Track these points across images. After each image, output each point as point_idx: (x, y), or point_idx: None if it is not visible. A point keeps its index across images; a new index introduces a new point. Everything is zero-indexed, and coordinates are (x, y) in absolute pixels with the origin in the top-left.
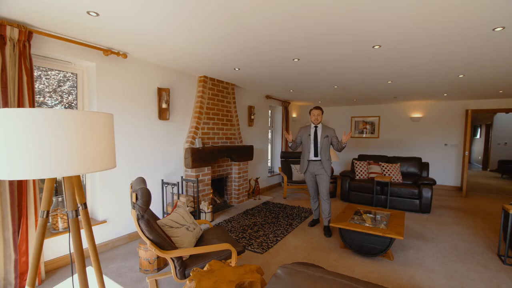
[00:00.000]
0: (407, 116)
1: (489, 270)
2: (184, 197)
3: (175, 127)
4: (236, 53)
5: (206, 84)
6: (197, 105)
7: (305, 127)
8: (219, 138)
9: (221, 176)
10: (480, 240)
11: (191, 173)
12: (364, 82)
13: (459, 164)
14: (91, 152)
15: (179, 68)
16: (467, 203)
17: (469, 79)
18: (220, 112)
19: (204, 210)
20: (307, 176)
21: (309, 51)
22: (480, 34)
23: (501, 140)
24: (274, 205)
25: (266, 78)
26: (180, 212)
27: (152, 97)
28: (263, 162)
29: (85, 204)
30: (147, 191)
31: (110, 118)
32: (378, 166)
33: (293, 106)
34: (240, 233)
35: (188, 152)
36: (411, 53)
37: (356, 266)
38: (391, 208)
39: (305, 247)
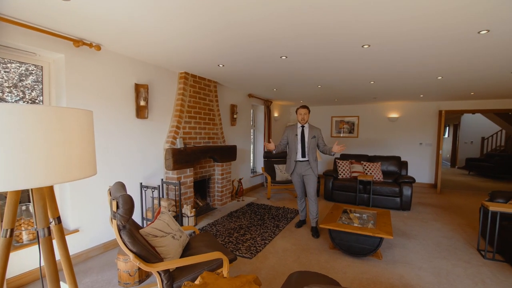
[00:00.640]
0: (384, 116)
1: (472, 265)
2: (165, 201)
3: (154, 126)
4: (223, 49)
5: (188, 81)
6: (178, 103)
7: (291, 127)
8: (201, 138)
9: (203, 178)
10: (459, 236)
11: (172, 176)
12: (348, 82)
13: (433, 162)
14: (67, 157)
15: (159, 63)
16: (442, 199)
17: (446, 81)
18: (202, 111)
19: (187, 214)
20: (294, 176)
21: (298, 49)
22: (466, 37)
23: (468, 139)
24: (259, 206)
25: (251, 76)
26: (164, 219)
27: (129, 94)
28: (245, 163)
29: (59, 218)
30: (129, 198)
31: (89, 116)
32: (360, 165)
33: (274, 106)
34: (226, 237)
35: (168, 153)
36: (398, 54)
37: (347, 268)
38: (373, 206)
39: (294, 249)
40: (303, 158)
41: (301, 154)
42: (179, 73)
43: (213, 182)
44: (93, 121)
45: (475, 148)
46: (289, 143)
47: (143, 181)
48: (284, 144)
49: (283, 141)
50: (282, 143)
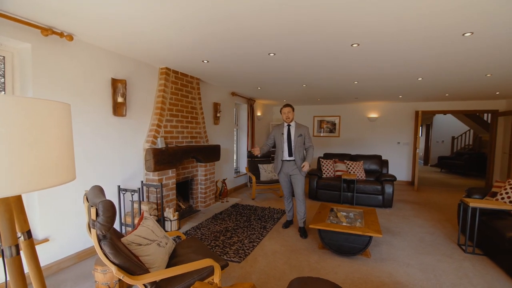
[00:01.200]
0: (365, 116)
1: (455, 260)
2: (146, 204)
3: (133, 125)
4: (209, 44)
5: (169, 77)
6: (159, 100)
7: (278, 126)
8: (183, 137)
9: (186, 179)
10: (440, 231)
11: (153, 177)
12: (333, 82)
13: (410, 160)
14: (41, 160)
15: (138, 57)
16: (419, 196)
17: (426, 82)
18: (185, 109)
19: (170, 218)
20: (281, 176)
21: (287, 46)
22: (451, 38)
23: (439, 139)
24: (244, 207)
25: (237, 73)
26: (148, 225)
27: (105, 89)
28: (229, 162)
29: (29, 232)
30: (111, 204)
31: (66, 110)
32: (344, 164)
33: (258, 104)
34: (212, 241)
35: (149, 153)
36: (386, 54)
37: (338, 268)
38: (357, 204)
39: (283, 251)
40: (290, 157)
41: (287, 153)
42: (159, 68)
43: (196, 183)
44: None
45: (446, 147)
46: (276, 142)
47: (121, 183)
48: (271, 144)
49: (269, 141)
50: (269, 143)
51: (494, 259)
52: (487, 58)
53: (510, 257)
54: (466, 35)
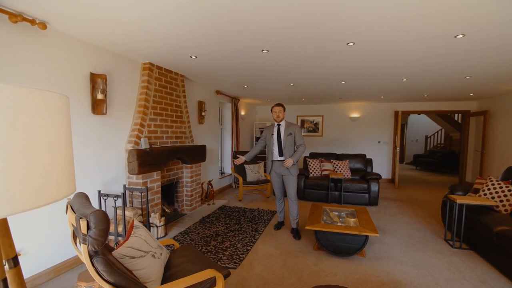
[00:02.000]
0: (347, 116)
1: (445, 255)
2: (130, 210)
3: (114, 124)
4: (199, 38)
5: (152, 73)
6: (142, 98)
7: (268, 127)
8: (168, 137)
9: (170, 182)
10: (426, 228)
11: (137, 180)
12: (321, 81)
13: (390, 159)
14: (36, 169)
15: (119, 50)
16: (401, 193)
17: (409, 83)
18: (169, 107)
19: (156, 224)
20: (273, 176)
21: (281, 43)
22: (444, 40)
23: (414, 138)
24: (232, 209)
25: (226, 70)
26: (141, 235)
27: (83, 84)
28: (214, 163)
29: (16, 259)
30: (104, 216)
31: (65, 102)
32: (330, 164)
33: (242, 104)
34: (203, 246)
35: (132, 154)
36: (380, 53)
37: (336, 269)
38: (344, 203)
39: (278, 254)
40: (280, 157)
41: (277, 152)
42: (142, 63)
43: (181, 185)
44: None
45: (420, 146)
46: (266, 143)
47: (101, 188)
48: (262, 144)
49: (261, 142)
50: (260, 143)
51: (481, 253)
52: (473, 61)
53: (498, 251)
54: (458, 37)
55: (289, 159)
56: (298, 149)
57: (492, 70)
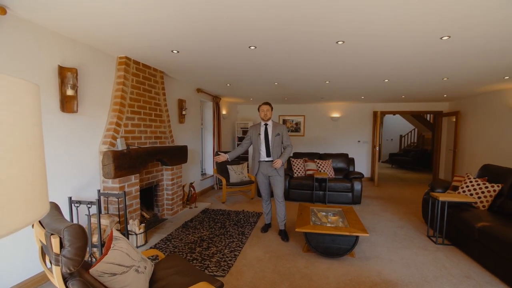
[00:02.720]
0: (328, 116)
1: (430, 252)
2: (106, 218)
3: (87, 123)
4: (184, 31)
5: (129, 68)
6: (118, 95)
7: (255, 126)
8: (146, 138)
9: (149, 185)
10: (408, 224)
11: (113, 185)
12: (306, 80)
13: (369, 158)
14: None
15: (92, 42)
16: (381, 191)
17: (390, 83)
18: (148, 105)
19: (135, 232)
20: (260, 177)
21: (271, 38)
22: (429, 41)
23: (389, 137)
24: (216, 212)
25: (209, 67)
26: (122, 248)
27: (51, 79)
28: (195, 164)
29: None
30: (81, 231)
31: (34, 93)
32: (314, 163)
33: (223, 103)
34: (188, 253)
35: (108, 156)
36: (367, 53)
37: (327, 271)
38: (329, 202)
39: (268, 258)
40: (268, 157)
41: (265, 153)
42: (118, 57)
43: (161, 189)
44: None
45: (394, 145)
46: (252, 142)
47: (73, 194)
48: (248, 144)
49: (246, 141)
50: (246, 143)
51: (463, 248)
52: (452, 62)
53: (479, 246)
54: (443, 38)
55: (278, 160)
56: (286, 150)
57: (468, 71)
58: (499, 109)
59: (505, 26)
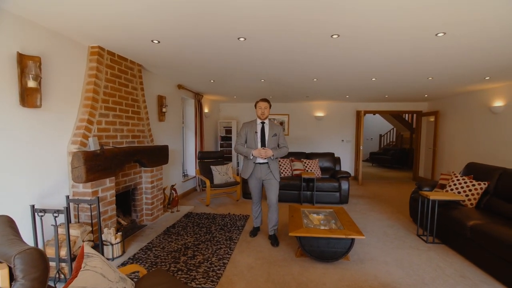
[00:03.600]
0: (312, 115)
1: (422, 251)
2: (76, 227)
3: (52, 120)
4: (165, 18)
5: (103, 60)
6: (90, 88)
7: (250, 123)
8: (123, 137)
9: (127, 189)
10: (397, 224)
11: (85, 190)
12: (293, 77)
13: (352, 156)
14: None
15: (59, 28)
16: (365, 190)
17: (377, 82)
18: (124, 101)
19: (110, 242)
20: (252, 181)
21: (261, 30)
22: (425, 38)
23: (369, 136)
24: (200, 216)
25: (192, 60)
26: (95, 267)
27: (8, 68)
28: (176, 165)
29: None
30: (38, 257)
31: None
32: (301, 163)
33: (205, 100)
34: (172, 264)
35: (78, 158)
36: (361, 48)
37: (323, 277)
38: (317, 203)
39: (260, 265)
40: (264, 160)
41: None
42: (90, 47)
43: (140, 192)
44: None
45: (374, 144)
46: (247, 141)
47: (36, 202)
48: (243, 144)
49: (241, 140)
50: (241, 142)
51: (453, 246)
52: (441, 60)
53: (471, 245)
54: (439, 35)
55: (268, 149)
56: (282, 148)
57: (453, 71)
58: (477, 109)
59: (496, 24)
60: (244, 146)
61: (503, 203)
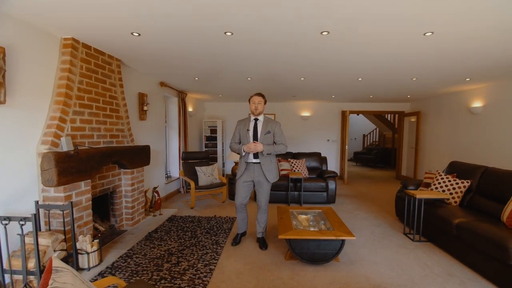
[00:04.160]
0: (298, 114)
1: (409, 250)
2: (47, 236)
3: (19, 117)
4: (147, 8)
5: (77, 53)
6: (62, 84)
7: (243, 120)
8: (100, 136)
9: (104, 192)
10: (384, 223)
11: (57, 194)
12: (281, 76)
13: (338, 156)
14: None
15: (26, 16)
16: (351, 189)
17: (363, 82)
18: (101, 98)
19: (86, 250)
20: (241, 183)
21: (249, 24)
22: (413, 37)
23: (352, 136)
24: (184, 219)
25: (175, 56)
26: (65, 283)
27: None
28: (159, 166)
29: None
30: None
31: None
32: (288, 163)
33: (189, 99)
34: (154, 272)
35: (48, 159)
36: (351, 46)
37: (314, 280)
38: (304, 203)
39: (249, 270)
40: (255, 159)
41: (253, 154)
42: (62, 38)
43: (119, 196)
44: None
45: (358, 143)
46: (241, 140)
47: (0, 209)
48: (237, 142)
49: (234, 139)
50: (234, 140)
51: (440, 244)
52: (427, 60)
53: (457, 242)
54: (427, 34)
55: (259, 143)
56: (278, 145)
57: (436, 72)
58: (458, 109)
59: (482, 24)
60: (238, 144)
61: (485, 201)
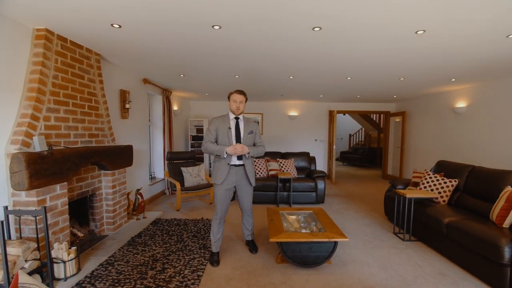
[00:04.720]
0: (286, 114)
1: (400, 250)
2: (17, 245)
3: None
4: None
5: (51, 45)
6: (35, 79)
7: (221, 118)
8: (78, 136)
9: (83, 195)
10: (374, 223)
11: (29, 199)
12: (269, 74)
13: (325, 156)
14: None
15: None
16: (339, 189)
17: (351, 82)
18: (79, 95)
19: (62, 259)
20: (222, 188)
21: (238, 18)
22: (405, 35)
23: (339, 136)
24: (170, 222)
25: (159, 51)
26: None
27: None
28: (143, 167)
29: None
30: None
31: None
32: (276, 163)
33: (174, 97)
34: (138, 280)
35: (18, 161)
36: (343, 42)
37: (307, 284)
38: (293, 203)
39: (238, 275)
40: (239, 161)
41: (236, 155)
42: (35, 29)
43: (99, 199)
44: None
45: (344, 143)
46: (219, 139)
47: None
48: (213, 142)
49: (210, 137)
50: (210, 139)
51: (430, 244)
52: (415, 59)
53: (447, 241)
54: (418, 32)
55: (245, 145)
56: (258, 146)
57: (423, 72)
58: (442, 109)
59: (472, 24)
60: (215, 144)
61: (473, 200)
